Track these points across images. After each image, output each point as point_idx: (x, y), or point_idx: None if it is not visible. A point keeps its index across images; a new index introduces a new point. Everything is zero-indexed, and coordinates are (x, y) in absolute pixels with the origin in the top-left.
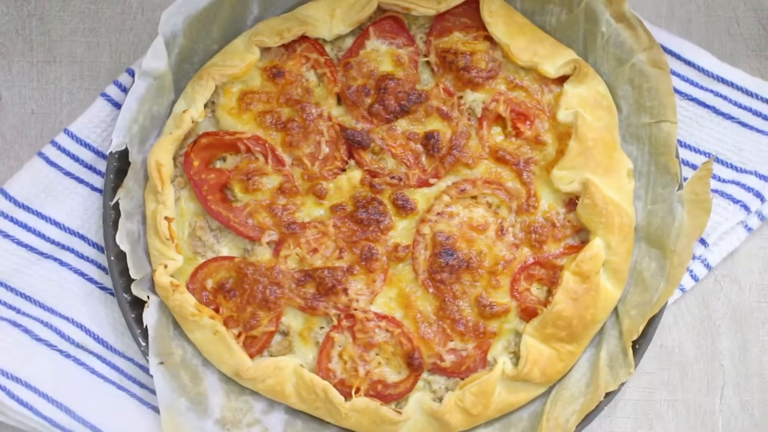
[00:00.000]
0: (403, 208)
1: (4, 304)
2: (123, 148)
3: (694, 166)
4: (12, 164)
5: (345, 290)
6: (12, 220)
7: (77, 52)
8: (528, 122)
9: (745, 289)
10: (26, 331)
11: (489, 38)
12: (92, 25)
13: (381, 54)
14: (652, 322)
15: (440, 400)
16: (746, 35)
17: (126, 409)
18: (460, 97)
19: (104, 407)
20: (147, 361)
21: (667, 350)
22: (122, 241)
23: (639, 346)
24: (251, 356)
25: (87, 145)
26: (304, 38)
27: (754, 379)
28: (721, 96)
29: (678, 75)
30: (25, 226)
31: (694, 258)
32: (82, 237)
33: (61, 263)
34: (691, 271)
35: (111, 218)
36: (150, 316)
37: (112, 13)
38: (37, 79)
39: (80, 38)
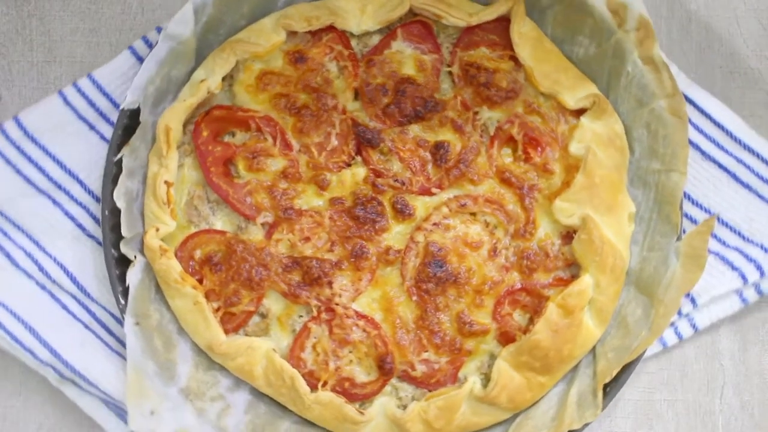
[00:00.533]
0: (402, 212)
1: None
2: (136, 106)
3: (699, 224)
4: None
5: (330, 283)
6: (18, 148)
7: (77, 52)
8: (539, 149)
9: None
10: (8, 256)
11: (514, 59)
12: (92, 25)
13: (405, 56)
14: (626, 369)
15: (405, 407)
16: (746, 35)
17: (91, 346)
18: (476, 113)
19: (68, 339)
20: (123, 318)
21: (667, 350)
22: (119, 198)
23: (610, 389)
24: (226, 332)
25: (105, 94)
26: (331, 28)
27: (754, 379)
28: (743, 163)
29: (703, 133)
30: (28, 158)
31: (681, 315)
32: (81, 182)
33: (54, 203)
34: (676, 328)
35: (112, 173)
36: (134, 275)
37: (112, 13)
38: (37, 79)
39: (80, 38)
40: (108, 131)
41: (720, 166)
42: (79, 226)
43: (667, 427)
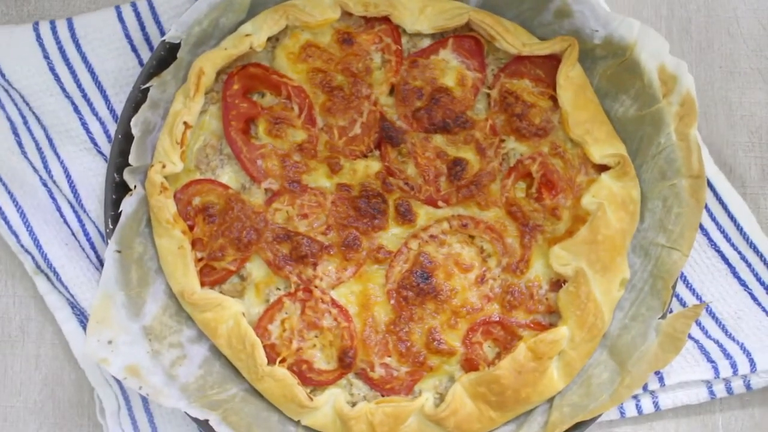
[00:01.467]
0: (403, 216)
1: (11, 95)
2: (177, 41)
3: (686, 308)
4: None
5: (315, 264)
6: (59, 46)
7: None
8: (553, 192)
9: None
10: (19, 144)
11: (554, 99)
12: None
13: (449, 67)
14: (578, 426)
15: (354, 405)
16: (746, 35)
17: (71, 250)
18: (503, 141)
19: (54, 235)
20: (105, 244)
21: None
22: (136, 125)
23: None
24: (202, 284)
25: (157, 21)
26: (386, 19)
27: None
28: (745, 260)
29: (716, 222)
30: (66, 59)
31: (645, 390)
32: (106, 98)
33: (76, 109)
34: (638, 402)
35: (136, 99)
36: (128, 204)
37: None
38: None
39: None
40: (145, 53)
41: (723, 257)
42: (92, 140)
43: (667, 427)
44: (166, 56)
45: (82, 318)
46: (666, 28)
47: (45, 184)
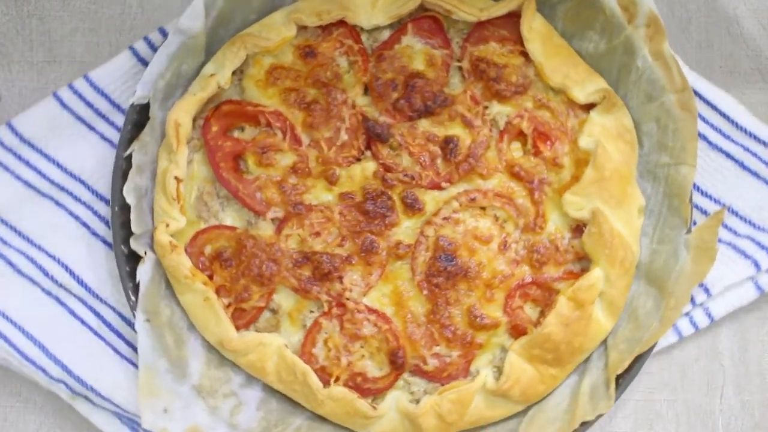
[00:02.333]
0: (411, 207)
1: None
2: (146, 101)
3: (709, 216)
4: None
5: (340, 278)
6: (15, 154)
7: (77, 52)
8: (548, 143)
9: None
10: (9, 263)
11: (524, 54)
12: (92, 25)
13: (415, 51)
14: (638, 360)
15: (417, 402)
16: (746, 35)
17: (101, 356)
18: (486, 108)
19: (79, 350)
20: (134, 315)
21: (667, 350)
22: (129, 194)
23: (622, 381)
24: (237, 328)
25: (104, 95)
26: (342, 23)
27: (754, 379)
28: (750, 152)
29: (710, 124)
30: (26, 163)
31: (695, 305)
32: (83, 182)
33: (58, 204)
34: (692, 318)
35: (122, 169)
36: (144, 272)
37: (112, 13)
38: (37, 79)
39: (80, 38)
40: (107, 131)
41: (727, 155)
42: (85, 225)
43: (667, 427)
44: (138, 119)
45: (135, 425)
46: (666, 28)
47: (50, 293)
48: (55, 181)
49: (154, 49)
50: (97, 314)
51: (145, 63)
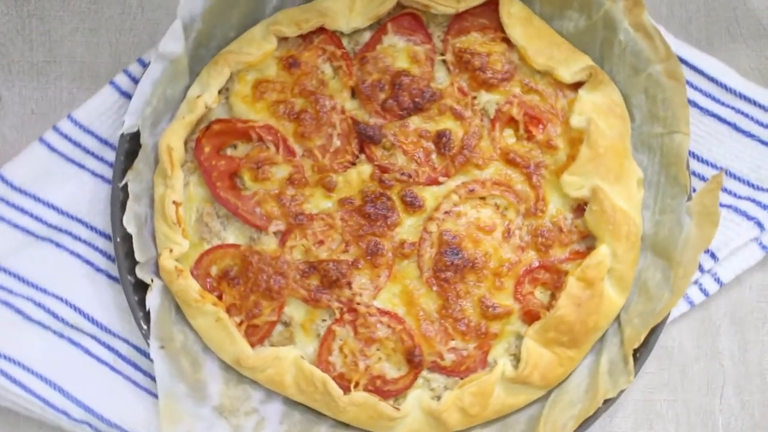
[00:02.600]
0: (411, 205)
1: None
2: (135, 130)
3: (707, 181)
4: None
5: (349, 284)
6: (8, 203)
7: (77, 52)
8: (540, 126)
9: (745, 289)
10: (18, 311)
11: (506, 40)
12: (92, 25)
13: (397, 50)
14: (653, 332)
15: (439, 398)
16: (746, 35)
17: (120, 391)
18: (474, 98)
19: (98, 388)
20: (147, 344)
21: (667, 350)
22: (129, 223)
23: (640, 354)
24: (252, 345)
25: (90, 132)
26: (321, 30)
27: (754, 379)
28: (742, 113)
29: (699, 90)
30: (21, 209)
31: (703, 272)
32: (80, 221)
33: (58, 245)
34: (701, 285)
35: (119, 200)
36: (153, 299)
37: (112, 13)
38: (37, 79)
39: (80, 38)
40: (98, 167)
41: (720, 119)
42: (87, 262)
43: (667, 427)
44: (130, 148)
45: None
46: (666, 28)
47: (62, 335)
48: (52, 224)
49: (135, 81)
50: (111, 349)
51: (127, 96)
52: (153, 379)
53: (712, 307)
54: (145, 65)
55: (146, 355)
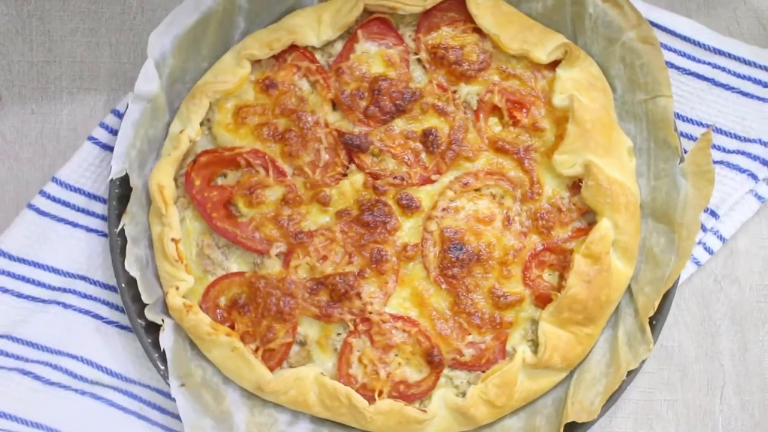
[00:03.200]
0: (408, 207)
1: (12, 355)
2: (123, 174)
3: (697, 140)
4: (11, 164)
5: (358, 294)
6: (9, 274)
7: (77, 52)
8: (524, 110)
9: (745, 289)
10: (37, 377)
11: (477, 30)
12: (92, 25)
13: (371, 56)
14: (666, 297)
15: (463, 394)
16: (746, 35)
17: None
18: (455, 92)
19: None
20: (167, 384)
21: (667, 350)
22: (131, 267)
23: (656, 321)
24: (271, 369)
25: (77, 190)
26: (293, 47)
27: (754, 379)
28: (719, 68)
29: (674, 50)
30: (22, 278)
31: (705, 230)
32: (83, 278)
33: (65, 306)
34: (705, 244)
35: (118, 246)
36: (166, 339)
37: (112, 13)
38: (37, 79)
39: (80, 38)
40: (92, 222)
41: (698, 76)
42: (97, 317)
43: (667, 427)
44: (121, 193)
45: None
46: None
47: (84, 393)
48: (55, 286)
49: (113, 133)
50: (134, 397)
51: (107, 148)
52: (179, 418)
53: (712, 307)
54: (120, 115)
55: (169, 396)
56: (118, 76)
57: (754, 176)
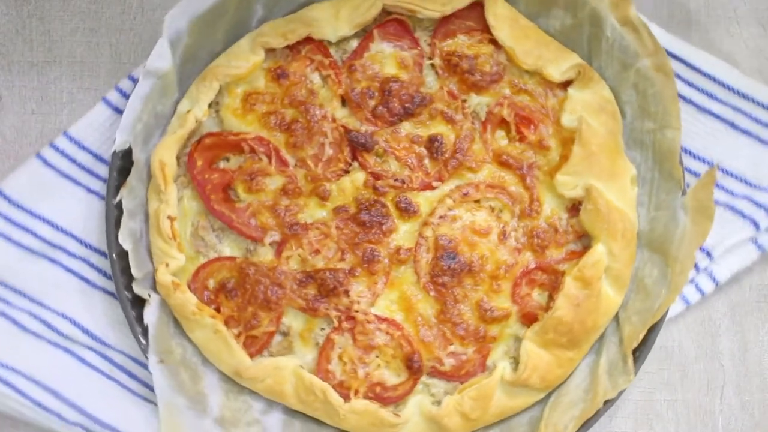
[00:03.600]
0: (406, 211)
1: None
2: (127, 147)
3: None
4: (12, 164)
5: (346, 292)
6: (5, 217)
7: (77, 52)
8: (532, 126)
9: (745, 289)
10: (14, 322)
11: (494, 41)
12: (92, 25)
13: (385, 56)
14: (652, 330)
15: (439, 403)
16: (746, 35)
17: (116, 397)
18: (465, 101)
19: (94, 393)
20: (146, 358)
21: (667, 350)
22: (125, 240)
23: (639, 353)
24: (251, 356)
25: (85, 148)
26: (308, 40)
27: (754, 379)
28: (740, 111)
29: (697, 88)
30: (18, 225)
31: (699, 270)
32: (76, 237)
33: (53, 261)
34: (697, 284)
35: (114, 216)
36: (151, 314)
37: (112, 13)
38: (37, 79)
39: (80, 38)
40: (93, 184)
41: (716, 116)
42: (84, 279)
43: (667, 427)
44: (122, 165)
45: None
46: (666, 28)
47: (57, 345)
48: (47, 240)
49: (126, 97)
50: (106, 358)
51: (119, 112)
52: (148, 387)
53: (712, 307)
54: (135, 81)
55: (143, 365)
56: (118, 76)
57: (756, 224)
